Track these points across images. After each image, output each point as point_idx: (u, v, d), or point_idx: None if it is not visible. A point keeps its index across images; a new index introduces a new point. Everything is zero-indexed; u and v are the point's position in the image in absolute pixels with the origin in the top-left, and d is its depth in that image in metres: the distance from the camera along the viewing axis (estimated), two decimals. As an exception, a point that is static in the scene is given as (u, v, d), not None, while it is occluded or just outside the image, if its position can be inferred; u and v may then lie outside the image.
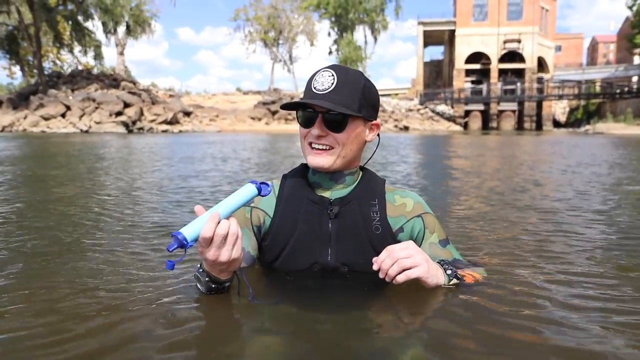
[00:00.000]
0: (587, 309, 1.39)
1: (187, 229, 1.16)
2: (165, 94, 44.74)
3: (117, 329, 1.21)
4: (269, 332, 1.23)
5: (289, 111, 1.47)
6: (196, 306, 1.34)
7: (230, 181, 5.23)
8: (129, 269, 1.78)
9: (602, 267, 1.87)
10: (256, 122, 39.96)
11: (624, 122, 35.44)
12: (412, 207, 1.51)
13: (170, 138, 20.09)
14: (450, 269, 1.41)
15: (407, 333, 1.22)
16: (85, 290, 1.51)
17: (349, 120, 1.36)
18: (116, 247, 2.14)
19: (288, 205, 1.46)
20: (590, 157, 9.28)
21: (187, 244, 1.14)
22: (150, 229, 2.58)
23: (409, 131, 38.47)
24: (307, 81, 1.40)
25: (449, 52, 55.77)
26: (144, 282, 1.60)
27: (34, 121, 29.80)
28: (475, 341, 1.15)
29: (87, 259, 1.92)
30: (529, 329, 1.22)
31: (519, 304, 1.40)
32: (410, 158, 9.37)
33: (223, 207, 1.22)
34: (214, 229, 1.16)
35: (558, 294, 1.51)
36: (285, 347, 1.14)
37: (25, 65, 43.01)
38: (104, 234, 2.45)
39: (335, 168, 1.42)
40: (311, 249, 1.43)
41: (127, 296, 1.45)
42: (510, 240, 2.38)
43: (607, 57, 75.22)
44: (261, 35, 53.11)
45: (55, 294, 1.50)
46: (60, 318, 1.28)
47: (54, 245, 2.20)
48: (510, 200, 3.86)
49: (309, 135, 1.39)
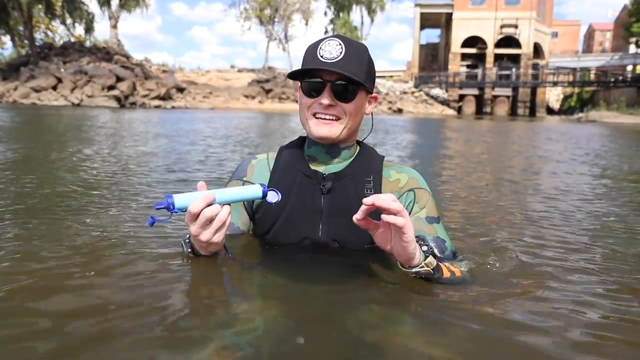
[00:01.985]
0: (582, 303, 1.37)
1: (179, 196, 1.20)
2: (159, 69, 44.07)
3: (94, 295, 1.23)
4: (257, 300, 1.24)
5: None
6: (184, 274, 1.36)
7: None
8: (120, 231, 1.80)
9: (594, 254, 1.92)
10: (250, 100, 39.57)
11: (617, 111, 35.53)
12: (406, 182, 1.49)
13: (165, 114, 19.89)
14: (426, 245, 1.27)
15: (396, 307, 1.22)
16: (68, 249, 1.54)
17: (358, 91, 1.37)
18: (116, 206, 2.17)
19: (282, 178, 1.46)
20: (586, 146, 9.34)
21: (172, 208, 1.19)
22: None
23: (403, 114, 38.36)
24: (309, 50, 1.37)
25: (446, 35, 55.22)
26: (136, 246, 1.61)
27: (24, 93, 29.35)
28: (462, 320, 1.14)
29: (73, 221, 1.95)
30: (519, 314, 1.21)
31: (509, 292, 1.39)
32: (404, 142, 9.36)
33: (222, 193, 1.25)
34: (202, 207, 1.19)
35: (550, 287, 1.47)
36: (274, 315, 1.15)
37: (16, 36, 42.12)
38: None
39: (341, 139, 1.41)
40: (302, 224, 1.44)
41: (112, 264, 1.47)
42: (503, 226, 2.43)
43: (604, 45, 74.97)
44: (257, 12, 52.30)
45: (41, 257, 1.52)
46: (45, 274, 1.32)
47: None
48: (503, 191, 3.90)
49: (315, 105, 1.37)
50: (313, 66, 1.32)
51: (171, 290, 1.24)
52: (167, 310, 1.13)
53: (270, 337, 1.04)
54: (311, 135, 1.41)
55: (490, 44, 49.88)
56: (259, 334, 1.05)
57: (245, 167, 1.55)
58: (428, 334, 1.08)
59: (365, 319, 1.15)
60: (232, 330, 1.06)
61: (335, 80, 1.33)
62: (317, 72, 1.33)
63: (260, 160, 1.55)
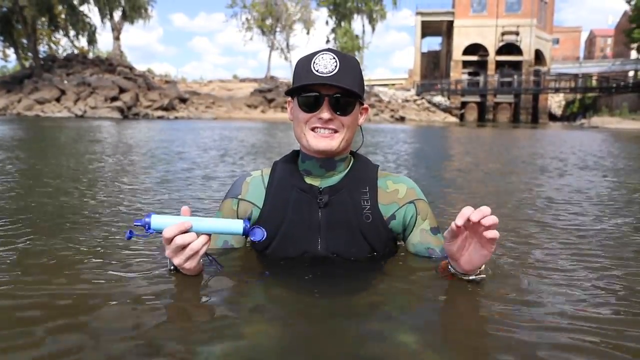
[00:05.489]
0: (580, 300, 1.37)
1: (157, 218, 1.23)
2: (161, 80, 44.36)
3: (86, 309, 1.21)
4: (255, 315, 1.22)
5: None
6: (182, 289, 1.34)
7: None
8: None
9: (591, 257, 1.89)
10: (252, 109, 39.74)
11: (619, 116, 35.48)
12: (405, 193, 1.49)
13: (168, 124, 19.95)
14: None
15: (398, 319, 1.21)
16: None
17: (355, 103, 1.37)
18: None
19: (277, 194, 1.45)
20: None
21: (148, 229, 1.22)
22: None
23: (405, 122, 38.39)
24: (301, 65, 1.37)
25: (447, 43, 55.48)
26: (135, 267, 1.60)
27: (28, 105, 29.54)
28: (466, 327, 1.15)
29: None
30: (524, 314, 1.21)
31: (508, 293, 1.37)
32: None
33: (200, 222, 1.26)
34: (174, 234, 1.22)
35: (555, 286, 1.48)
36: (272, 330, 1.14)
37: (20, 48, 42.44)
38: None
39: (339, 151, 1.41)
40: (301, 239, 1.43)
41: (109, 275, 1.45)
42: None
43: (605, 51, 75.12)
44: (258, 22, 52.59)
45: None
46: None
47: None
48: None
49: (313, 120, 1.36)
50: (311, 81, 1.32)
51: (165, 305, 1.23)
52: (161, 325, 1.12)
53: (272, 351, 1.03)
54: (309, 149, 1.40)
55: (492, 51, 50.08)
56: (260, 348, 1.04)
57: (240, 185, 1.53)
58: (432, 346, 1.07)
59: (367, 331, 1.13)
60: (232, 344, 1.05)
61: (334, 94, 1.33)
62: (313, 87, 1.33)
63: (255, 178, 1.53)
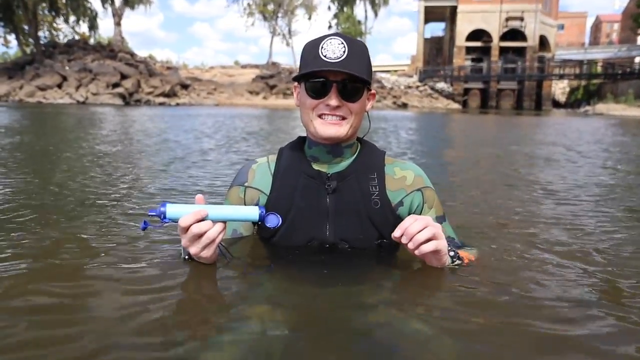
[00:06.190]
0: (579, 286, 1.39)
1: (172, 207, 1.21)
2: (163, 66, 44.15)
3: (100, 300, 1.22)
4: (264, 303, 1.22)
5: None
6: (190, 278, 1.34)
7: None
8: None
9: (597, 245, 1.88)
10: (254, 96, 39.58)
11: (624, 103, 35.19)
12: (413, 181, 1.48)
13: (170, 111, 19.95)
14: (452, 250, 1.37)
15: (405, 308, 1.21)
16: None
17: (363, 89, 1.34)
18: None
19: (285, 180, 1.44)
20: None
21: (163, 218, 1.20)
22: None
23: (408, 108, 38.26)
24: (308, 50, 1.34)
25: (450, 29, 54.99)
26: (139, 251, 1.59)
27: (30, 91, 29.48)
28: (473, 317, 1.15)
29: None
30: (524, 307, 1.22)
31: (514, 283, 1.39)
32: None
33: (217, 210, 1.24)
34: (191, 222, 1.19)
35: (555, 276, 1.51)
36: (282, 318, 1.14)
37: (21, 34, 42.19)
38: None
39: (347, 138, 1.39)
40: (309, 225, 1.42)
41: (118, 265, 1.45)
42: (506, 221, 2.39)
43: (611, 36, 74.37)
44: (260, 7, 52.21)
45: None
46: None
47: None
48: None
49: (321, 106, 1.34)
50: (319, 67, 1.29)
51: (175, 294, 1.22)
52: (171, 314, 1.12)
53: (280, 339, 1.04)
54: (317, 136, 1.39)
55: (496, 37, 49.65)
56: (267, 335, 1.05)
57: (246, 173, 1.51)
58: (440, 334, 1.06)
59: (374, 320, 1.13)
60: (240, 332, 1.05)
61: (342, 80, 1.30)
62: (321, 73, 1.30)
63: (261, 164, 1.51)
